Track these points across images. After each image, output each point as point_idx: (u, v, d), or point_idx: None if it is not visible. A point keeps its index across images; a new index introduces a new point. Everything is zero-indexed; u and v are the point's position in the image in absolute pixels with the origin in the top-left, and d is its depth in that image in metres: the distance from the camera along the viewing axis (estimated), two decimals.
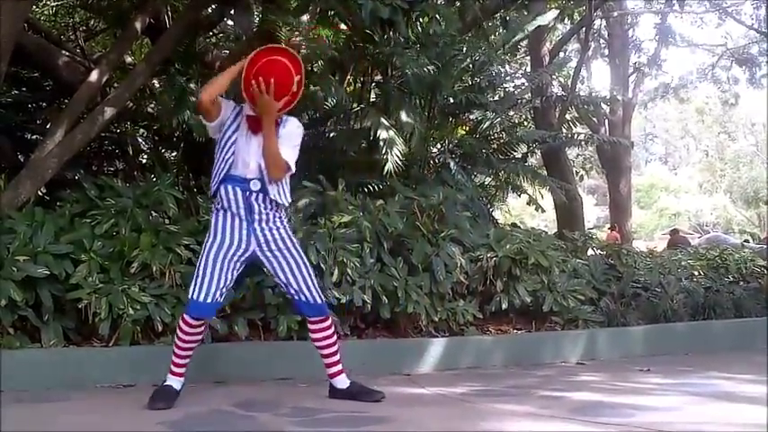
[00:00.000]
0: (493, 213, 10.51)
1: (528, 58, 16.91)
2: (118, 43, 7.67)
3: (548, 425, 4.01)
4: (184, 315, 4.36)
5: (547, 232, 8.24)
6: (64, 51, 8.61)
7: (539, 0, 13.14)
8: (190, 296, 4.32)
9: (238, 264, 4.37)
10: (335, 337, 4.56)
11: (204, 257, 4.34)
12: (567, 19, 15.93)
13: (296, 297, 4.45)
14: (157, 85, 8.67)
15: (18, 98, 8.71)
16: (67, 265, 5.03)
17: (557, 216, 15.40)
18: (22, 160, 7.53)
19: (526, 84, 12.38)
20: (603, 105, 16.17)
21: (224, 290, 4.35)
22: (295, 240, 4.47)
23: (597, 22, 19.15)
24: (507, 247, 6.63)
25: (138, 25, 7.20)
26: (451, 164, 8.37)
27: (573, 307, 6.92)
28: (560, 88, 16.57)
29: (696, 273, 8.75)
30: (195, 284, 4.31)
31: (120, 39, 7.75)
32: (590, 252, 8.40)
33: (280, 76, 4.23)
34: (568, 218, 14.26)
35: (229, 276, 4.34)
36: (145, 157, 9.31)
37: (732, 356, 6.93)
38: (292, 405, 4.33)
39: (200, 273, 4.32)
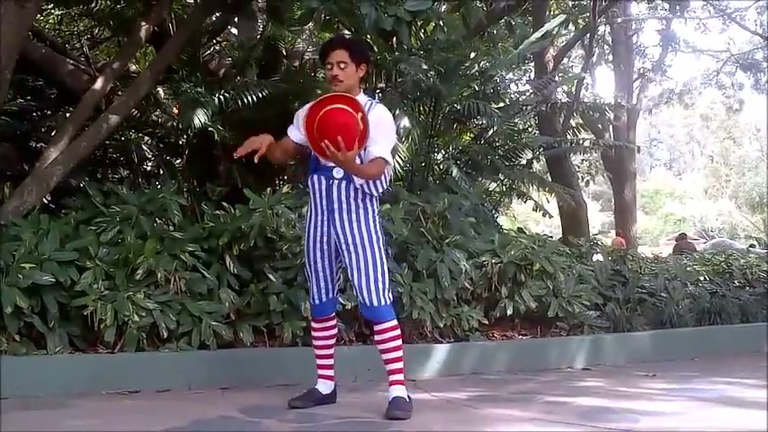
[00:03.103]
0: (497, 219, 10.50)
1: (532, 63, 16.92)
2: (122, 51, 7.71)
3: (553, 430, 4.00)
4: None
5: (552, 238, 8.23)
6: (68, 59, 8.64)
7: (542, 2, 13.19)
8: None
9: (333, 254, 4.38)
10: (394, 344, 4.32)
11: (304, 258, 4.50)
12: (571, 25, 15.93)
13: (356, 297, 4.39)
14: (162, 94, 8.69)
15: (23, 106, 8.73)
16: (73, 272, 5.04)
17: (561, 222, 15.37)
18: (27, 168, 7.54)
19: (531, 90, 12.39)
20: (608, 111, 16.14)
21: (330, 285, 4.44)
22: (374, 237, 4.29)
23: (601, 28, 19.15)
24: (512, 252, 6.62)
25: (142, 33, 7.22)
26: (455, 171, 8.35)
27: (578, 312, 6.90)
28: (564, 94, 16.56)
29: (702, 278, 8.74)
30: (309, 287, 4.51)
31: (125, 47, 7.79)
32: (595, 257, 8.39)
33: (342, 127, 4.07)
34: (573, 224, 14.23)
35: (327, 272, 4.41)
36: (149, 164, 9.33)
37: (738, 361, 6.92)
38: (297, 411, 4.33)
39: (306, 275, 4.52)
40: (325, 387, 4.54)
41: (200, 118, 7.03)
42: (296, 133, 4.45)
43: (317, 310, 4.50)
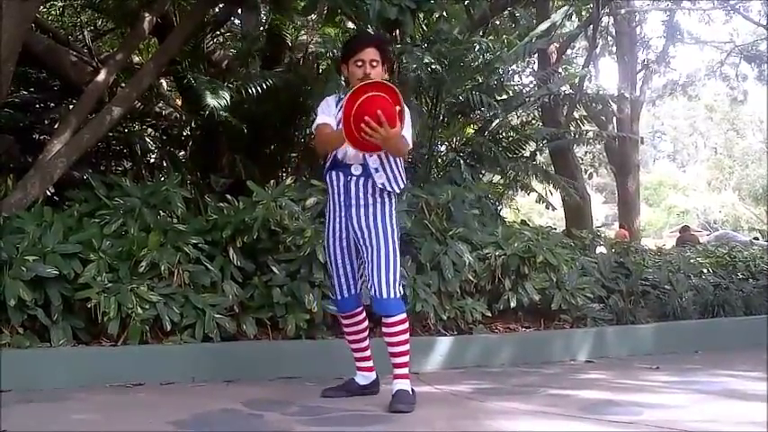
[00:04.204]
0: (501, 212, 10.49)
1: (535, 55, 16.87)
2: (125, 43, 7.68)
3: (556, 423, 4.00)
4: None
5: (555, 230, 8.22)
6: (71, 51, 8.62)
7: None
8: None
9: (353, 251, 4.38)
10: (402, 337, 4.34)
11: (325, 254, 4.52)
12: (574, 16, 15.89)
13: (369, 289, 4.35)
14: (165, 85, 8.67)
15: (26, 99, 8.73)
16: (76, 265, 5.04)
17: (565, 214, 15.36)
18: (29, 160, 7.54)
19: (535, 82, 12.37)
20: (611, 103, 16.11)
21: (351, 281, 4.44)
22: (389, 231, 4.26)
23: (605, 19, 19.09)
24: (516, 245, 6.62)
25: (145, 25, 7.21)
26: (460, 163, 8.35)
27: (581, 305, 6.90)
28: (568, 86, 16.54)
29: (705, 270, 8.72)
30: (330, 283, 4.54)
31: (128, 38, 7.77)
32: (598, 250, 8.38)
33: (383, 108, 3.95)
34: (577, 216, 14.22)
35: (348, 268, 4.42)
36: (153, 156, 9.33)
37: (741, 354, 6.89)
38: (301, 404, 4.33)
39: (329, 271, 4.53)
40: (362, 378, 4.60)
41: (219, 101, 6.99)
42: (331, 118, 4.33)
43: (340, 306, 4.54)
